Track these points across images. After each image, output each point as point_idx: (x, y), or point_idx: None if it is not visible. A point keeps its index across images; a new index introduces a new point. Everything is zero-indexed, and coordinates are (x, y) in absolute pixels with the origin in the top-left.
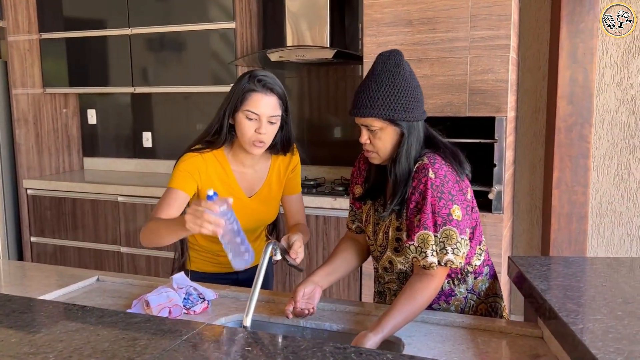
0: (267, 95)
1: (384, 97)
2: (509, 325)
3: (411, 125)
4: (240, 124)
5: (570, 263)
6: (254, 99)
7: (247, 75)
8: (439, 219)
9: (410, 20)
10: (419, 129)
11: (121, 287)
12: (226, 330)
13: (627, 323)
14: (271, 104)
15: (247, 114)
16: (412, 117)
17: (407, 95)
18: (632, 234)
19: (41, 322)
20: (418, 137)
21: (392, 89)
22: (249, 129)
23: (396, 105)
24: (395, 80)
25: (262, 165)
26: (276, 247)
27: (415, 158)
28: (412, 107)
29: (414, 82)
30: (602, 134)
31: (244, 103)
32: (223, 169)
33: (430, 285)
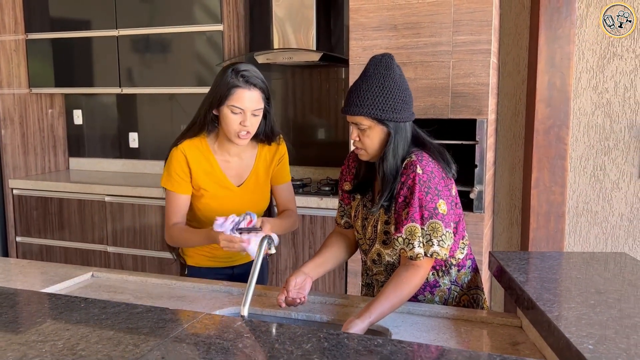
0: (250, 90)
1: (373, 97)
2: (490, 316)
3: (398, 125)
4: (226, 117)
5: (547, 257)
6: (238, 95)
7: (230, 70)
8: (425, 212)
9: (395, 25)
10: (406, 129)
11: (116, 282)
12: (225, 319)
13: (599, 311)
14: (254, 98)
15: (232, 109)
16: (400, 118)
17: (396, 97)
18: (607, 232)
19: (46, 313)
20: (405, 137)
21: (381, 90)
22: (234, 122)
23: (384, 106)
24: (385, 82)
25: (249, 153)
26: (271, 241)
27: (402, 156)
28: (400, 108)
29: (404, 85)
30: (578, 136)
31: (228, 98)
32: (207, 160)
33: (416, 275)
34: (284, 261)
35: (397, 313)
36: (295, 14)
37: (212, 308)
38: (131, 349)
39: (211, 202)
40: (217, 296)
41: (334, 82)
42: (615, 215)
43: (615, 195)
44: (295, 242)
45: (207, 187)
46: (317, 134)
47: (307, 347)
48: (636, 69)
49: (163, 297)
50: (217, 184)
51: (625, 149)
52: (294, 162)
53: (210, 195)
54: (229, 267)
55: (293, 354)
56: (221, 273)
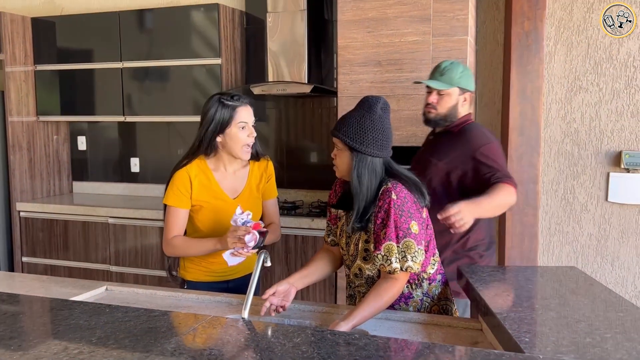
0: (246, 106)
1: (349, 127)
2: (455, 321)
3: (363, 156)
4: (235, 136)
5: (508, 271)
6: (241, 112)
7: (221, 98)
8: (400, 232)
9: (380, 61)
10: (374, 163)
11: (128, 295)
12: (229, 320)
13: (540, 313)
14: (251, 112)
15: (240, 125)
16: (366, 151)
17: (367, 132)
18: (578, 251)
19: (78, 317)
20: (371, 169)
21: (357, 124)
22: (243, 136)
23: (355, 136)
24: (363, 118)
25: (242, 170)
26: (267, 256)
27: (373, 185)
28: (368, 143)
29: (379, 125)
30: (549, 162)
31: (234, 118)
32: (206, 177)
33: (394, 286)
34: (277, 278)
35: (376, 319)
36: (288, 49)
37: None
38: (153, 342)
39: (211, 214)
40: (218, 306)
41: (325, 111)
42: (584, 235)
43: (584, 216)
44: (288, 261)
45: (206, 200)
46: (308, 159)
47: (297, 340)
48: (600, 100)
49: (171, 307)
50: (214, 197)
51: (592, 174)
52: (287, 185)
53: (209, 207)
54: (224, 282)
55: (286, 345)
56: (217, 287)
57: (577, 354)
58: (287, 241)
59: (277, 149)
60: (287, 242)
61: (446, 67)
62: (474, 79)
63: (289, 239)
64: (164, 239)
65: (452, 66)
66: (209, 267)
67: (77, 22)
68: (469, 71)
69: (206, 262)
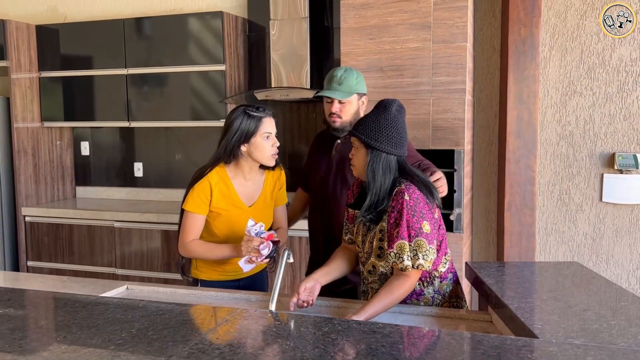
0: (271, 117)
1: (365, 125)
2: (466, 313)
3: (378, 153)
4: (260, 145)
5: (513, 266)
6: (266, 123)
7: (247, 109)
8: (412, 231)
9: (382, 67)
10: (389, 161)
11: (149, 294)
12: (258, 312)
13: (549, 304)
14: (274, 123)
15: (265, 135)
16: (381, 148)
17: (382, 130)
18: (574, 250)
19: (114, 311)
20: (386, 167)
21: (373, 123)
22: (267, 146)
23: (369, 134)
24: (378, 117)
25: (258, 179)
26: (290, 252)
27: (387, 182)
28: (383, 140)
29: (394, 124)
30: (545, 164)
31: (259, 128)
32: (225, 184)
33: (405, 283)
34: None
35: (389, 313)
36: (290, 55)
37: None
38: (191, 333)
39: (227, 221)
40: (238, 302)
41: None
42: (580, 235)
43: (580, 216)
44: (294, 263)
45: (224, 207)
46: None
47: (326, 329)
48: (594, 104)
49: (192, 304)
50: (231, 205)
51: (587, 175)
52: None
53: (226, 214)
54: (236, 280)
55: (316, 334)
56: (229, 285)
57: (586, 339)
58: (293, 243)
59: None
60: (292, 244)
61: (342, 75)
62: (364, 82)
63: (294, 241)
64: (181, 242)
65: (347, 74)
66: (223, 267)
67: (80, 30)
68: (361, 76)
69: (220, 263)
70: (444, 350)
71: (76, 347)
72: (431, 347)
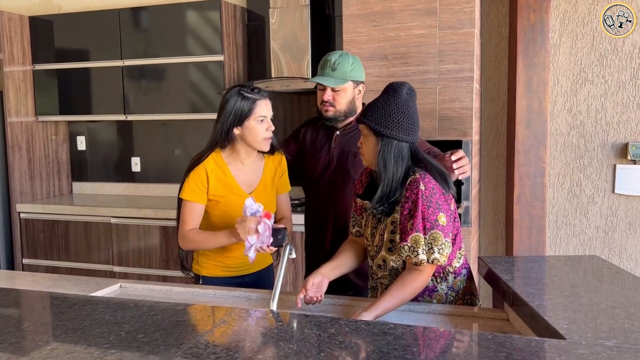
0: (266, 100)
1: (373, 111)
2: (481, 311)
3: (389, 140)
4: (254, 129)
5: (529, 260)
6: (261, 106)
7: (241, 90)
8: (427, 223)
9: (386, 55)
10: (400, 148)
11: (143, 292)
12: (258, 312)
13: (573, 300)
14: (270, 106)
15: (259, 119)
16: (391, 135)
17: (392, 116)
18: (585, 243)
19: (103, 312)
20: (398, 154)
21: (382, 107)
22: (261, 130)
23: (379, 120)
24: (387, 102)
25: (257, 164)
26: (292, 247)
27: (399, 171)
28: (393, 126)
29: (405, 109)
30: (556, 155)
31: (254, 111)
32: (222, 171)
33: (419, 278)
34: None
35: (399, 311)
36: (291, 44)
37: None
38: (185, 335)
39: (226, 208)
40: (237, 301)
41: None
42: (591, 228)
43: (591, 209)
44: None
45: (222, 194)
46: None
47: (332, 331)
48: (606, 92)
49: (189, 303)
50: (230, 192)
51: (598, 166)
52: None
53: (225, 201)
54: (240, 277)
55: (321, 336)
56: (232, 282)
57: (619, 340)
58: (294, 238)
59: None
60: (294, 239)
61: (336, 60)
62: (362, 68)
63: (295, 235)
64: (180, 233)
65: (342, 59)
66: (225, 262)
67: (75, 21)
68: (358, 61)
69: (222, 257)
70: (464, 354)
71: (58, 352)
72: (448, 350)
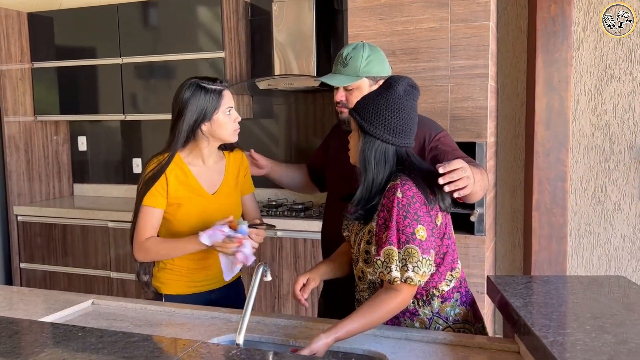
0: (228, 89)
1: (363, 104)
2: (488, 341)
3: (371, 139)
4: (223, 122)
5: (546, 282)
6: (227, 97)
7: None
8: (402, 236)
9: (394, 51)
10: (384, 150)
11: (116, 310)
12: (220, 347)
13: (595, 336)
14: (232, 96)
15: (227, 110)
16: (374, 133)
17: (380, 113)
18: (610, 254)
19: (44, 343)
20: (380, 156)
21: (372, 102)
22: (230, 122)
23: (366, 115)
24: (379, 96)
25: (219, 163)
26: (266, 268)
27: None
28: (378, 124)
29: (396, 108)
30: (578, 158)
31: (221, 103)
32: (182, 171)
33: (393, 299)
34: (285, 285)
35: (394, 339)
36: (295, 40)
37: (210, 335)
38: None
39: (189, 211)
40: (215, 323)
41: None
42: (617, 237)
43: (617, 216)
44: (297, 266)
45: (183, 196)
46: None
47: None
48: (634, 90)
49: (162, 324)
50: (192, 193)
51: (625, 170)
52: None
53: (187, 204)
54: (207, 292)
55: None
56: (199, 300)
57: None
58: (296, 245)
59: (285, 147)
60: (296, 247)
61: (348, 54)
62: (385, 61)
63: (297, 242)
64: (135, 243)
65: (355, 52)
66: (191, 276)
67: (76, 17)
68: (378, 53)
69: (187, 271)
70: None
71: None
72: None
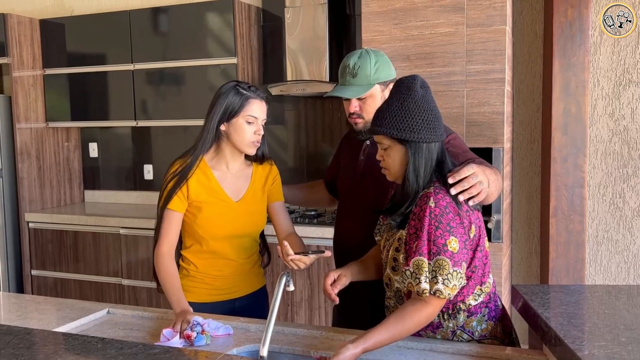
0: (261, 101)
1: (391, 116)
2: (516, 353)
3: (418, 145)
4: (240, 128)
5: (572, 291)
6: (253, 105)
7: (237, 85)
8: (434, 247)
9: (408, 56)
10: (430, 150)
11: (132, 319)
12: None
13: (631, 349)
14: (264, 109)
15: (247, 119)
16: (419, 138)
17: (414, 116)
18: (629, 261)
19: (62, 355)
20: (428, 157)
21: (400, 110)
22: (249, 131)
23: (402, 125)
24: (404, 102)
25: (245, 171)
26: (289, 278)
27: (425, 179)
28: (419, 128)
29: (426, 106)
30: (596, 164)
31: (244, 109)
32: (204, 174)
33: (422, 311)
34: (299, 293)
35: (418, 350)
36: (307, 46)
37: (229, 346)
38: None
39: (210, 216)
40: (235, 333)
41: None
42: (637, 244)
43: (636, 223)
44: (310, 275)
45: (205, 200)
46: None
47: None
48: None
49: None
50: (214, 197)
51: None
52: None
53: (209, 208)
54: (230, 301)
55: None
56: (223, 308)
57: None
58: None
59: (296, 153)
60: None
61: (355, 64)
62: (390, 63)
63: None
64: (155, 249)
65: (362, 61)
66: (213, 283)
67: (87, 23)
68: (383, 57)
69: (210, 278)
70: None
71: None
72: None
